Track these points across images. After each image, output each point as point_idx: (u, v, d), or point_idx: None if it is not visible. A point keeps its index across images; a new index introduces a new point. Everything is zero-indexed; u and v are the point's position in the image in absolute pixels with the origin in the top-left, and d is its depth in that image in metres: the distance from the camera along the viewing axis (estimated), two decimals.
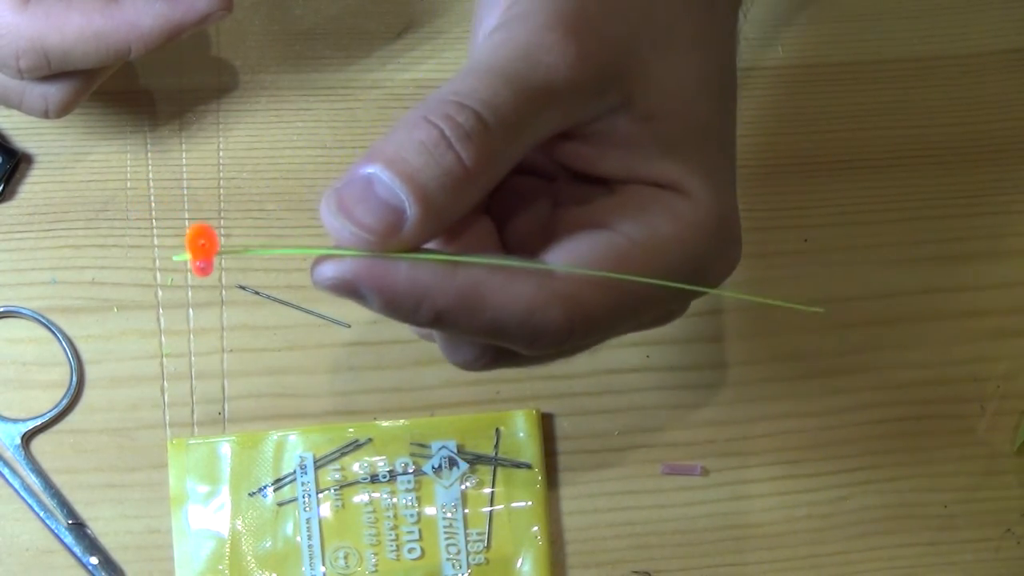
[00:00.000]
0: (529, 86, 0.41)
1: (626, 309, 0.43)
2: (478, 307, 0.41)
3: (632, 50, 0.44)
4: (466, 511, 0.64)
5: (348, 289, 0.40)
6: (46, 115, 0.56)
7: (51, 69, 0.54)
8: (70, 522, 0.62)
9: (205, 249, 0.39)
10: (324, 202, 0.40)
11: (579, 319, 0.42)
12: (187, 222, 0.65)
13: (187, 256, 0.39)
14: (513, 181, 0.45)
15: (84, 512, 0.63)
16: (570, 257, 0.42)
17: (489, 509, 0.64)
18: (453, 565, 0.63)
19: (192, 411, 0.64)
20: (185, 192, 0.65)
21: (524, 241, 0.44)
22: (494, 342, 0.43)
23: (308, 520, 0.63)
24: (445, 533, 0.63)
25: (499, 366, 0.46)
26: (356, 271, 0.40)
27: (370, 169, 0.39)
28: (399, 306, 0.40)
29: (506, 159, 0.41)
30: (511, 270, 0.41)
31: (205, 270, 0.39)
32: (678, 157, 0.44)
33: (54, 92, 0.56)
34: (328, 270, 0.40)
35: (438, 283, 0.40)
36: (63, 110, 0.56)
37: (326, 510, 0.63)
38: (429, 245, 0.41)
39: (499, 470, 0.64)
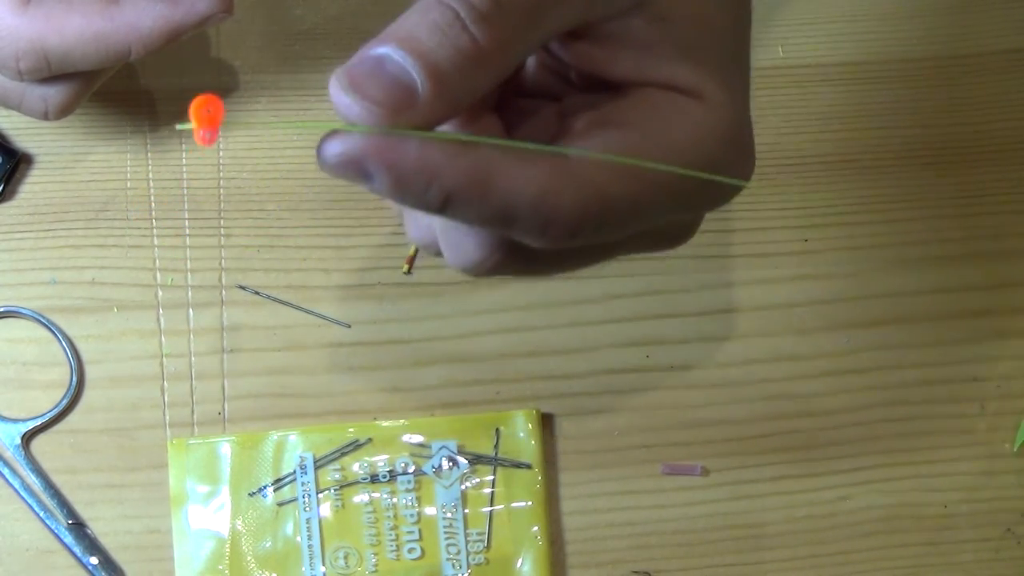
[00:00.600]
0: None
1: (641, 201, 0.42)
2: (489, 187, 0.39)
3: None
4: (466, 511, 0.64)
5: (356, 167, 0.38)
6: (46, 116, 0.56)
7: (51, 71, 0.54)
8: (70, 522, 0.62)
9: (210, 118, 0.38)
10: (334, 79, 0.38)
11: (593, 204, 0.41)
12: (187, 222, 0.65)
13: (192, 125, 0.38)
14: (520, 103, 0.45)
15: (84, 512, 0.63)
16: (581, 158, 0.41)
17: (489, 509, 0.64)
18: (453, 565, 0.63)
19: (192, 411, 0.64)
20: (185, 192, 0.65)
21: None
22: (504, 230, 0.41)
23: (308, 520, 0.63)
24: (445, 533, 0.63)
25: (508, 270, 0.44)
26: (365, 146, 0.38)
27: (381, 49, 0.38)
28: (408, 185, 0.39)
29: (520, 47, 0.40)
30: (524, 153, 0.40)
31: (210, 139, 0.38)
32: (692, 61, 0.43)
33: (54, 93, 0.56)
34: (335, 146, 0.38)
35: (449, 161, 0.39)
36: (63, 111, 0.56)
37: (326, 510, 0.63)
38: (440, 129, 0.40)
39: (499, 470, 0.64)
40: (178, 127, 0.38)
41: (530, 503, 0.64)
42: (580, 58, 0.44)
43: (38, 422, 0.62)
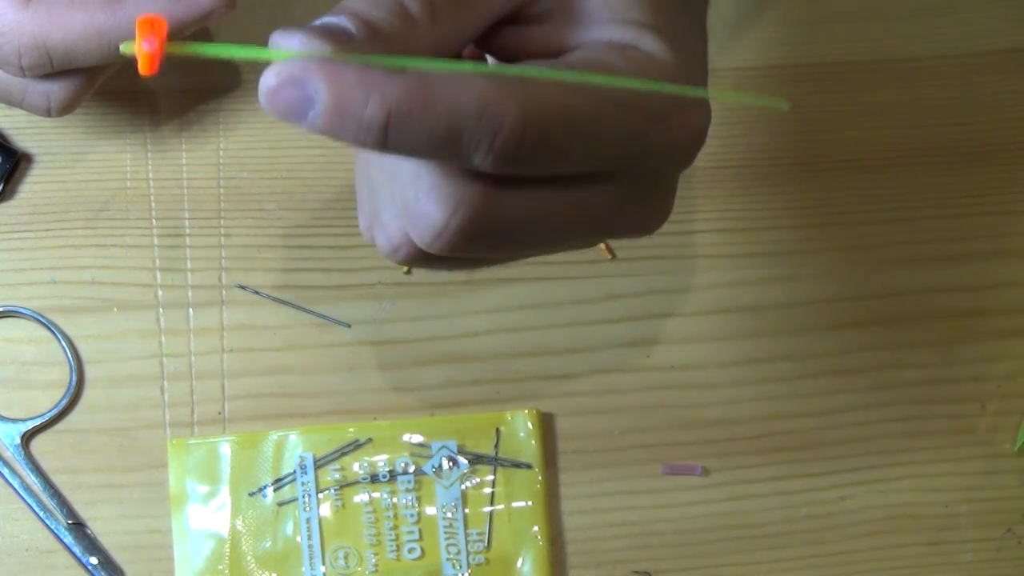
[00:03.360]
0: None
1: (587, 115, 0.40)
2: (431, 100, 0.38)
3: None
4: (466, 511, 0.64)
5: (297, 88, 0.37)
6: (48, 113, 0.56)
7: (53, 67, 0.54)
8: (70, 522, 0.62)
9: (154, 40, 0.38)
10: (275, 33, 0.38)
11: (535, 115, 0.39)
12: (187, 222, 0.65)
13: (132, 49, 0.38)
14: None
15: (84, 512, 0.63)
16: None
17: (489, 509, 0.64)
18: (453, 565, 0.63)
19: (192, 411, 0.64)
20: (185, 192, 0.65)
21: None
22: (451, 153, 0.39)
23: (308, 520, 0.63)
24: (445, 533, 0.63)
25: (474, 247, 0.42)
26: (306, 65, 0.37)
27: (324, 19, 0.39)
28: (349, 104, 0.37)
29: (454, 24, 0.40)
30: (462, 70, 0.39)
31: (152, 66, 0.37)
32: (633, 20, 0.42)
33: (56, 90, 0.55)
34: (273, 72, 0.37)
35: (389, 76, 0.37)
36: (65, 108, 0.56)
37: (326, 510, 0.63)
38: None
39: (499, 470, 0.64)
40: (122, 49, 0.38)
41: (530, 503, 0.64)
42: (518, 42, 0.43)
43: (38, 422, 0.62)
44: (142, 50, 0.37)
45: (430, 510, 0.64)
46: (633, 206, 0.44)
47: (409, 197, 0.42)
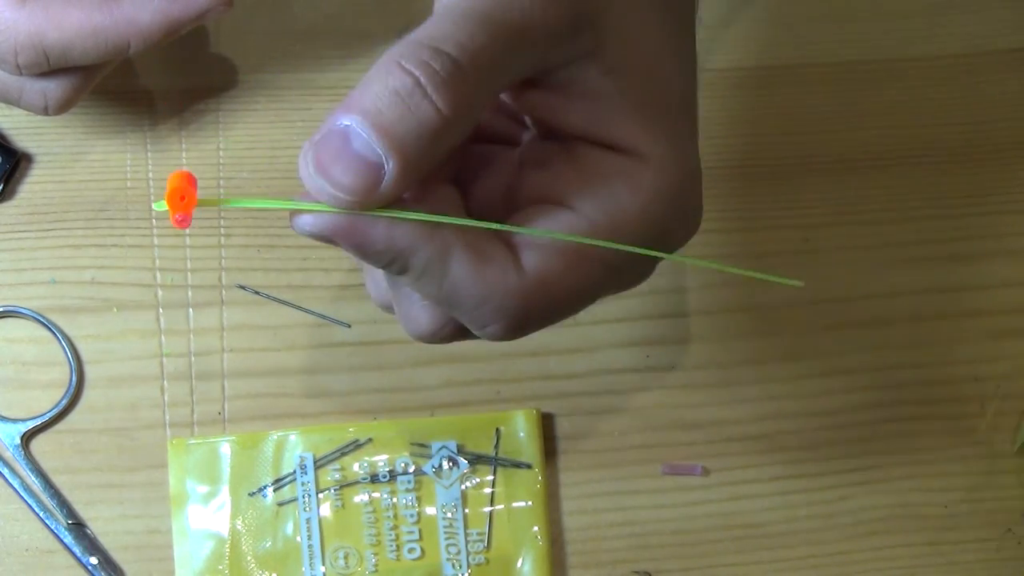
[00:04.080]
0: (504, 28, 0.41)
1: (589, 289, 0.44)
2: (444, 276, 0.41)
3: None
4: (466, 511, 0.64)
5: (327, 241, 0.41)
6: (45, 112, 0.56)
7: (50, 65, 0.54)
8: (70, 522, 0.62)
9: (185, 204, 0.39)
10: (302, 158, 0.40)
11: (539, 305, 0.43)
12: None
13: (165, 206, 0.39)
14: (476, 149, 0.46)
15: (84, 512, 0.63)
16: (534, 245, 0.43)
17: (489, 509, 0.64)
18: (453, 565, 0.63)
19: (192, 411, 0.64)
20: None
21: (487, 207, 0.45)
22: (447, 310, 0.44)
23: (308, 520, 0.63)
24: (445, 533, 0.63)
25: (459, 339, 0.46)
26: (334, 228, 0.40)
27: (346, 121, 0.39)
28: (373, 259, 0.41)
29: (480, 104, 0.41)
30: (484, 252, 0.42)
31: (184, 222, 0.39)
32: (642, 116, 0.44)
33: (53, 88, 0.55)
34: (307, 223, 0.41)
35: (412, 245, 0.41)
36: (62, 107, 0.56)
37: (326, 510, 0.63)
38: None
39: (499, 470, 0.64)
40: (154, 207, 0.40)
41: (530, 503, 0.64)
42: (532, 107, 0.45)
43: (38, 422, 0.62)
44: (176, 219, 0.40)
45: (430, 510, 0.64)
46: (623, 288, 0.47)
47: (403, 294, 0.45)
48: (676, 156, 0.44)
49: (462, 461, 0.64)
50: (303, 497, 0.63)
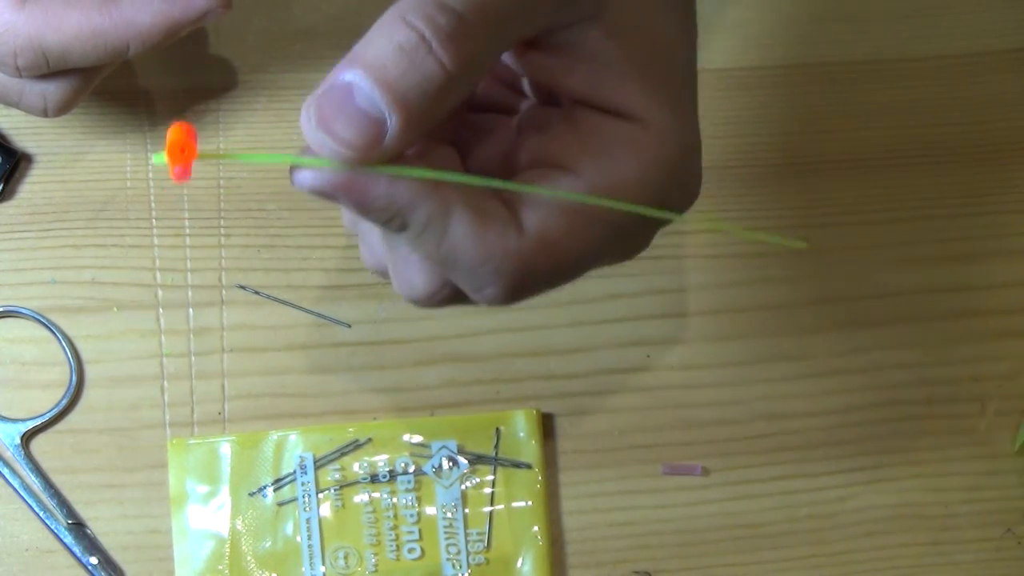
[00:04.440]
0: None
1: (590, 251, 0.43)
2: (444, 236, 0.41)
3: None
4: (466, 511, 0.64)
5: (326, 197, 0.40)
6: (45, 113, 0.56)
7: (49, 67, 0.54)
8: (70, 522, 0.62)
9: (185, 157, 0.39)
10: (304, 112, 0.39)
11: (526, 282, 0.43)
12: (187, 222, 0.65)
13: (165, 159, 0.39)
14: (473, 118, 0.45)
15: (84, 512, 0.63)
16: (534, 206, 0.42)
17: (489, 509, 0.64)
18: (453, 565, 0.63)
19: (192, 411, 0.64)
20: (185, 192, 0.65)
21: (485, 173, 0.44)
22: (444, 271, 0.43)
23: (308, 520, 0.63)
24: (445, 533, 0.63)
25: (455, 303, 0.45)
26: (335, 183, 0.40)
27: (349, 76, 0.39)
28: (373, 216, 0.41)
29: (485, 61, 0.41)
30: (485, 211, 0.41)
31: (183, 175, 0.39)
32: (643, 81, 0.43)
33: (53, 90, 0.55)
34: (307, 178, 0.40)
35: (413, 202, 0.40)
36: (62, 108, 0.56)
37: (326, 510, 0.63)
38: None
39: (499, 470, 0.64)
40: (153, 160, 0.39)
41: (530, 503, 0.64)
42: (534, 68, 0.44)
43: (38, 422, 0.62)
44: (175, 173, 0.39)
45: (430, 510, 0.64)
46: (619, 258, 0.47)
47: (399, 256, 0.45)
48: (677, 125, 0.44)
49: (462, 461, 0.64)
50: (303, 497, 0.63)
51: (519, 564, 0.64)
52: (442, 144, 0.43)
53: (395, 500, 0.63)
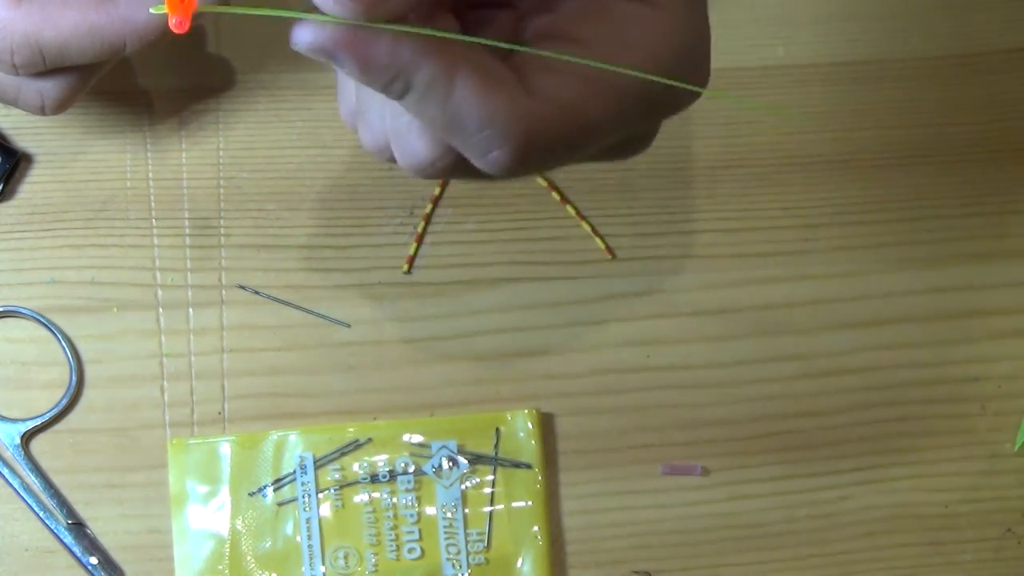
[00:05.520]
0: None
1: (602, 119, 0.42)
2: (449, 95, 0.40)
3: None
4: (466, 511, 0.64)
5: (327, 55, 0.39)
6: (42, 112, 0.56)
7: (46, 65, 0.54)
8: (70, 522, 0.62)
9: (185, 6, 0.38)
10: None
11: (533, 145, 0.41)
12: (187, 222, 0.65)
13: (164, 9, 0.38)
14: (474, 14, 0.45)
15: (84, 512, 0.63)
16: (544, 71, 0.41)
17: (489, 509, 0.64)
18: (453, 565, 0.63)
19: (192, 411, 0.64)
20: (185, 192, 0.65)
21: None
22: (454, 140, 0.42)
23: (308, 520, 0.63)
24: (445, 533, 0.63)
25: (457, 173, 0.44)
26: (336, 39, 0.39)
27: None
28: (374, 76, 0.40)
29: None
30: (491, 73, 0.40)
31: (182, 26, 0.38)
32: None
33: (50, 88, 0.55)
34: (307, 34, 0.39)
35: (416, 61, 0.39)
36: (59, 106, 0.56)
37: (326, 510, 0.63)
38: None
39: (499, 470, 0.64)
40: (152, 9, 0.38)
41: (530, 503, 0.64)
42: None
43: (38, 422, 0.62)
44: (175, 23, 0.37)
45: (430, 510, 0.64)
46: (622, 151, 0.46)
47: (401, 124, 0.43)
48: (687, 11, 0.43)
49: (462, 461, 0.64)
50: (303, 497, 0.63)
51: (519, 564, 0.64)
52: (446, 12, 0.42)
53: (395, 500, 0.63)
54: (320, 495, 0.63)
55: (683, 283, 0.67)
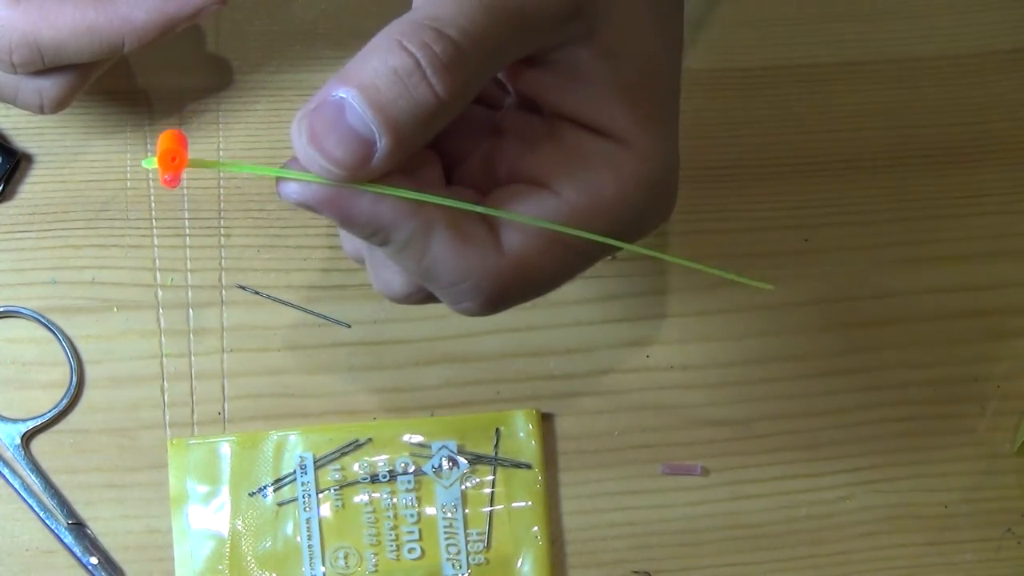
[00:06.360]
0: (505, 12, 0.41)
1: (564, 270, 0.45)
2: (424, 254, 0.42)
3: None
4: (466, 511, 0.64)
5: (311, 210, 0.41)
6: (41, 110, 0.56)
7: (45, 63, 0.54)
8: (70, 522, 0.62)
9: (176, 165, 0.39)
10: (296, 125, 0.40)
11: (504, 298, 0.44)
12: (187, 222, 0.65)
13: (155, 165, 0.39)
14: (457, 144, 0.46)
15: (84, 512, 0.63)
16: (514, 226, 0.43)
17: (489, 509, 0.64)
18: (453, 565, 0.63)
19: (192, 411, 0.64)
20: (185, 192, 0.65)
21: (465, 171, 0.45)
22: (422, 283, 0.44)
23: (308, 520, 0.63)
24: (445, 533, 0.63)
25: (431, 303, 0.47)
26: (320, 198, 0.41)
27: (342, 93, 0.39)
28: (355, 231, 0.42)
29: (476, 87, 0.41)
30: (465, 231, 0.42)
31: (172, 182, 0.39)
32: (630, 103, 0.44)
33: (49, 87, 0.55)
34: (294, 191, 0.41)
35: (395, 221, 0.41)
36: (58, 105, 0.56)
37: (326, 510, 0.63)
38: None
39: (499, 470, 0.64)
40: (144, 163, 0.40)
41: (530, 503, 0.64)
42: (523, 83, 0.45)
43: (38, 422, 0.62)
44: (164, 179, 0.40)
45: (430, 510, 0.64)
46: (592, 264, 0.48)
47: (377, 257, 0.46)
48: (658, 145, 0.45)
49: (462, 461, 0.64)
50: (303, 497, 0.63)
51: (519, 564, 0.64)
52: (427, 155, 0.44)
53: (395, 500, 0.63)
54: (320, 495, 0.63)
55: (683, 283, 0.67)
